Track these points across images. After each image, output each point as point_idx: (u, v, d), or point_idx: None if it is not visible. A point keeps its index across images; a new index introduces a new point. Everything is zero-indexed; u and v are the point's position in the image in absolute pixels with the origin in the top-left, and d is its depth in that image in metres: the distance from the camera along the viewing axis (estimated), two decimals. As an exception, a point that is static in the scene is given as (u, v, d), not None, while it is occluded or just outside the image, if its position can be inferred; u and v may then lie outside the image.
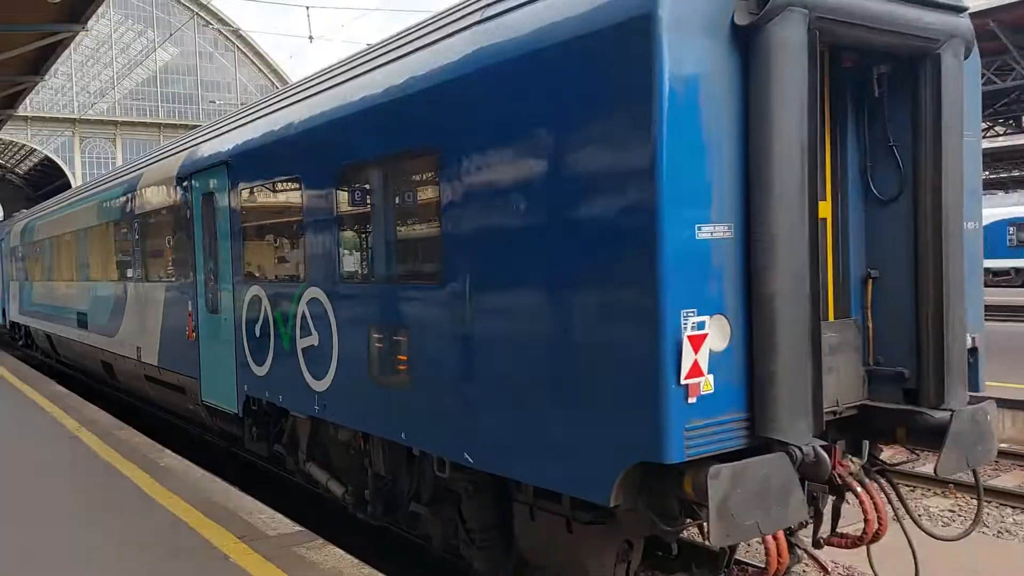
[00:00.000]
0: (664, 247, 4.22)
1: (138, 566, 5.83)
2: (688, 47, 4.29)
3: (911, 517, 5.60)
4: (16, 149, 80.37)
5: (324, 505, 8.52)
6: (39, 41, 13.25)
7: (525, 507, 5.55)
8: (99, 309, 14.12)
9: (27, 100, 19.13)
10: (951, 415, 5.04)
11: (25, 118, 67.73)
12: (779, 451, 4.44)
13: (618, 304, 4.48)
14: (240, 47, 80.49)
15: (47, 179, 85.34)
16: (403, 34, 6.83)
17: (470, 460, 5.47)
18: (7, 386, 14.80)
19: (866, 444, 5.49)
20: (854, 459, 5.34)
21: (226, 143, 9.26)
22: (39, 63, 15.26)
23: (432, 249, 5.89)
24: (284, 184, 7.92)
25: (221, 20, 77.83)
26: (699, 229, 4.35)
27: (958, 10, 5.18)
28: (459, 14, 5.93)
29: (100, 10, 12.54)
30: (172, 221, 10.64)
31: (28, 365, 18.57)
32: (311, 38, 27.56)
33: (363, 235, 6.91)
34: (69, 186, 65.98)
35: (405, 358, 6.05)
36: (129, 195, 12.38)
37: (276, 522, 6.77)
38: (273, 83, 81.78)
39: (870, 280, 5.42)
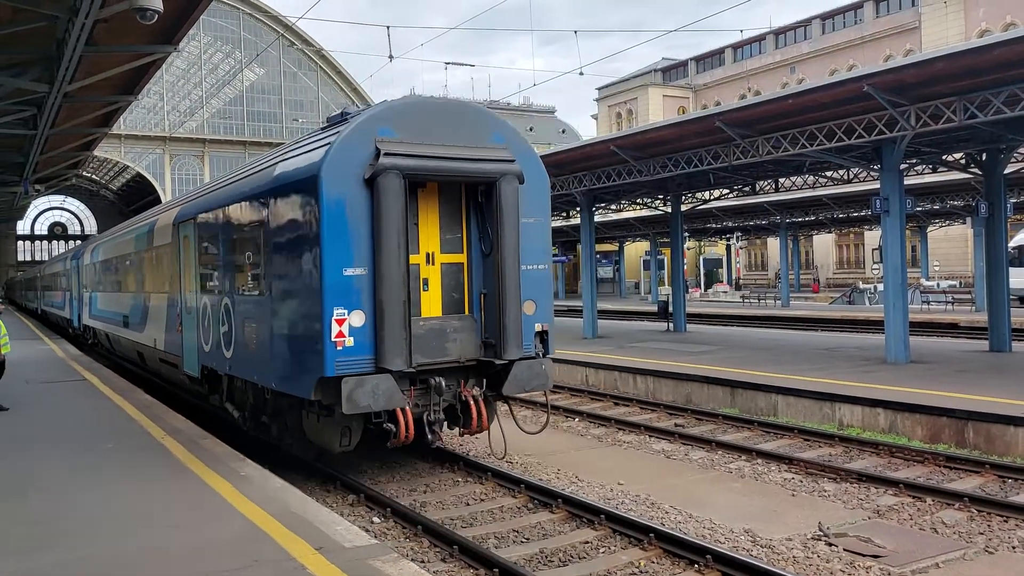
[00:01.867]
0: (325, 280, 9.01)
1: (219, 572, 5.94)
2: (338, 187, 9.06)
3: (513, 419, 10.98)
4: (110, 166, 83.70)
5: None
6: (133, 62, 13.76)
7: (306, 411, 10.03)
8: (135, 313, 18.70)
9: (121, 119, 19.89)
10: (512, 364, 9.86)
11: (119, 136, 70.60)
12: (387, 374, 9.08)
13: (311, 305, 9.27)
14: (323, 67, 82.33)
15: (138, 195, 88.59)
16: (258, 160, 12.35)
17: (273, 386, 10.28)
18: (99, 395, 15.33)
19: (495, 385, 10.08)
20: (476, 388, 10.01)
21: (193, 206, 13.99)
22: (133, 83, 15.83)
23: (261, 275, 10.63)
24: (214, 234, 12.56)
25: (305, 41, 79.75)
26: (344, 270, 9.08)
27: (509, 160, 9.92)
28: (275, 153, 11.37)
29: (191, 32, 12.96)
30: (170, 252, 15.17)
31: (118, 374, 19.22)
32: (391, 57, 27.95)
33: (241, 267, 11.45)
34: (159, 201, 68.38)
35: (254, 334, 10.78)
36: (149, 232, 17.16)
37: (352, 534, 6.83)
38: (353, 101, 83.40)
39: (483, 295, 10.12)
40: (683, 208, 27.11)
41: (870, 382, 14.25)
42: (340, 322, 9.01)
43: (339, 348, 8.99)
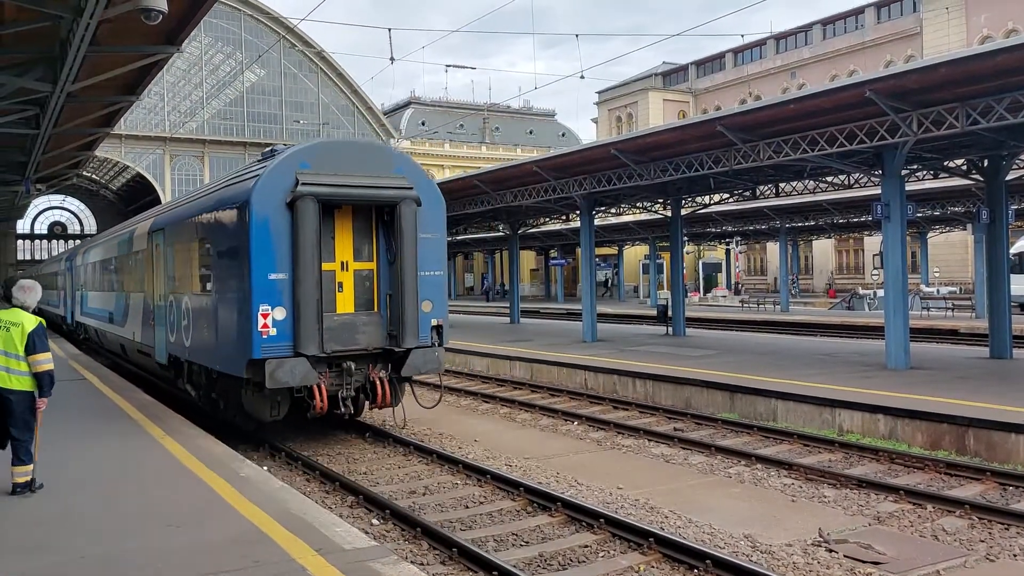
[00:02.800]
0: (254, 283, 11.14)
1: (219, 573, 5.93)
2: (264, 210, 11.21)
3: (413, 396, 13.36)
4: (111, 166, 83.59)
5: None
6: (136, 62, 13.75)
7: (243, 388, 12.01)
8: (118, 310, 20.99)
9: (122, 119, 19.89)
10: (410, 351, 12.09)
11: (120, 136, 70.52)
12: (303, 357, 11.24)
13: (243, 302, 11.39)
14: (323, 69, 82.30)
15: (138, 195, 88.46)
16: (206, 187, 15.51)
17: (218, 368, 12.51)
18: (98, 394, 15.31)
19: (397, 368, 12.30)
20: (382, 371, 12.23)
21: (163, 218, 16.71)
22: (135, 83, 15.81)
23: (209, 278, 12.92)
24: (177, 243, 14.98)
25: (306, 43, 79.72)
26: (269, 275, 11.17)
27: (407, 188, 12.12)
28: (218, 184, 14.09)
29: (192, 33, 12.95)
30: (145, 257, 17.57)
31: (117, 374, 19.19)
32: (392, 59, 28.00)
33: (196, 271, 13.71)
34: (159, 202, 68.31)
35: (204, 326, 13.01)
36: (129, 239, 19.62)
37: (352, 536, 6.81)
38: (354, 103, 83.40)
39: (388, 296, 12.31)
40: (683, 212, 27.11)
41: (870, 388, 14.24)
42: (265, 316, 11.28)
43: (264, 336, 11.27)
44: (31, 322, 8.14)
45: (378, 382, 12.03)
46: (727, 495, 10.11)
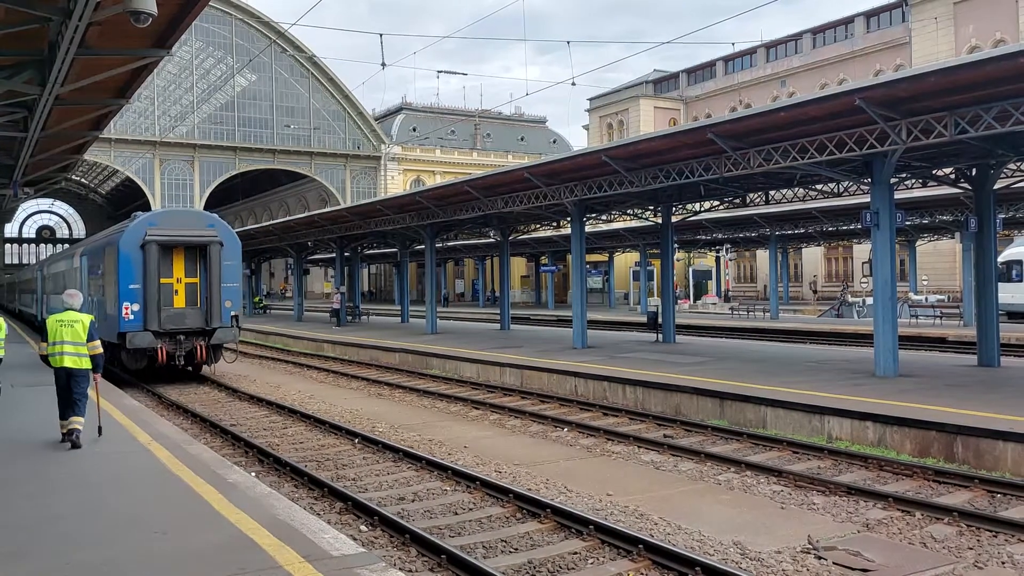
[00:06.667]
0: (121, 289, 20.69)
1: (204, 581, 5.89)
2: (127, 249, 20.79)
3: (224, 358, 22.98)
4: (100, 170, 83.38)
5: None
6: (126, 65, 13.69)
7: (120, 350, 20.86)
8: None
9: (111, 123, 19.99)
10: (215, 329, 21.40)
11: (109, 140, 70.28)
12: (148, 332, 20.66)
13: (115, 300, 20.88)
14: (315, 74, 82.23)
15: (127, 199, 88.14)
16: (105, 231, 28.64)
17: (106, 339, 16.33)
18: (84, 398, 15.19)
19: (208, 339, 21.39)
20: (202, 341, 21.23)
21: (88, 247, 25.83)
22: (125, 87, 15.73)
23: (103, 286, 22.74)
24: (91, 264, 24.29)
25: (297, 47, 79.66)
26: (130, 285, 20.67)
27: (214, 236, 21.53)
28: (109, 232, 26.26)
29: (183, 37, 12.89)
30: (79, 270, 26.12)
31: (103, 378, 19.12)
32: (383, 64, 28.02)
33: (97, 282, 23.29)
34: (149, 206, 68.00)
35: (102, 314, 21.75)
36: (72, 257, 29.18)
37: (339, 543, 6.76)
38: (344, 108, 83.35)
39: (205, 298, 21.49)
40: (673, 219, 27.15)
41: (859, 395, 14.27)
42: (127, 308, 20.23)
43: (127, 320, 20.23)
44: (87, 317, 11.15)
45: (199, 348, 20.98)
46: (717, 502, 10.10)
